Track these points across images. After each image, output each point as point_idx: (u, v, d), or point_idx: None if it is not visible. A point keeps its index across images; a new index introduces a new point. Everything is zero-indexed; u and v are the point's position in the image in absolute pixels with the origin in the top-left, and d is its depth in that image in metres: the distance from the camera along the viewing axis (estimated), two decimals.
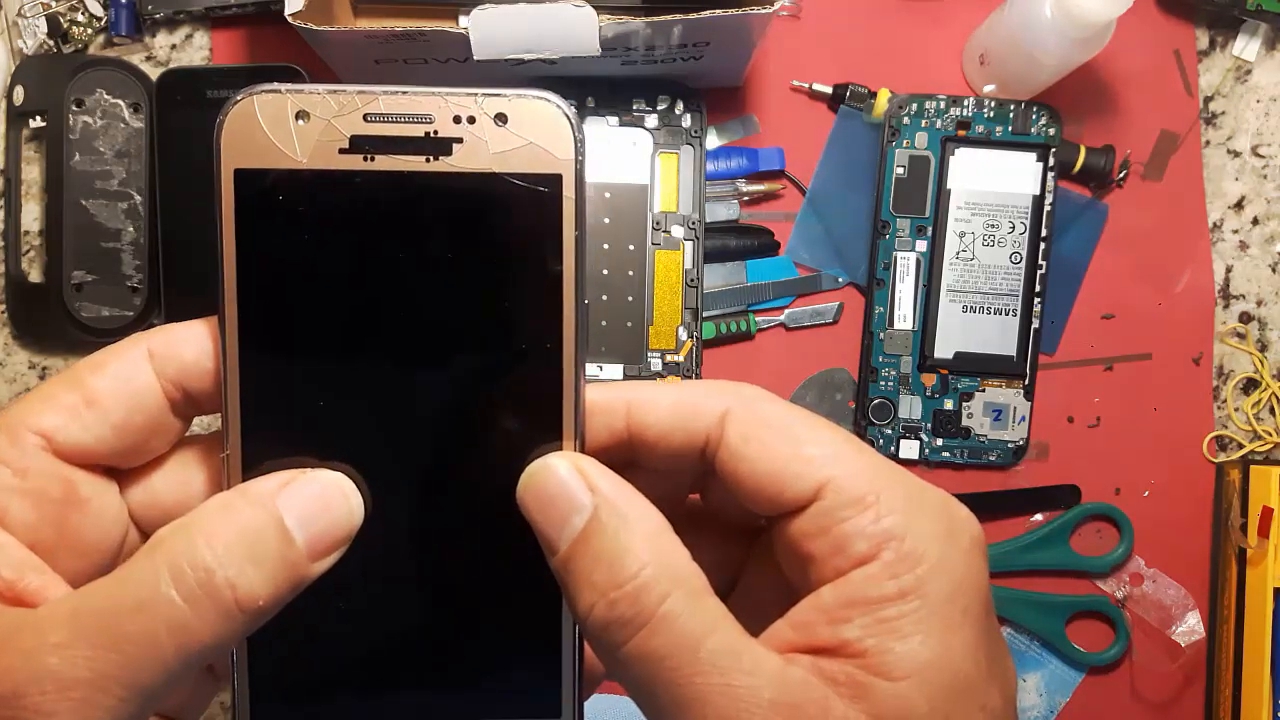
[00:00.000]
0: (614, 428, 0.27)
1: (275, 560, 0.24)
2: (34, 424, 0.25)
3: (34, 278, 0.64)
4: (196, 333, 0.27)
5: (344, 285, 0.26)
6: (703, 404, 0.27)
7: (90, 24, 0.64)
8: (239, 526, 0.24)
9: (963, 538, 0.25)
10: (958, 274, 0.63)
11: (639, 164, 0.61)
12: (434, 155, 0.26)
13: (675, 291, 0.62)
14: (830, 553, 0.25)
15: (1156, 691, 0.65)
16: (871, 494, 0.25)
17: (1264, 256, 0.66)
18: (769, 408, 0.27)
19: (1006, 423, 0.64)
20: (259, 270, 0.26)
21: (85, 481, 0.26)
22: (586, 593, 0.25)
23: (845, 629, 0.24)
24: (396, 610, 0.28)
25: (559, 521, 0.25)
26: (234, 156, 0.26)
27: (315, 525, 0.25)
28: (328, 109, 0.26)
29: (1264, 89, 0.66)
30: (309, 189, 0.26)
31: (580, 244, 0.26)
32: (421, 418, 0.27)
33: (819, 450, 0.26)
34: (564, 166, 0.26)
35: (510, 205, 0.26)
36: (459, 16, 0.59)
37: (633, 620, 0.24)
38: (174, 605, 0.23)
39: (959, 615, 0.24)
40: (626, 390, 0.27)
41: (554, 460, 0.26)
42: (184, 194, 0.62)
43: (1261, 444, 0.65)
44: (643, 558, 0.24)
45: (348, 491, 0.26)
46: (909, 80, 0.64)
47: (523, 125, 0.26)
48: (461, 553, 0.28)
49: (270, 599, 0.24)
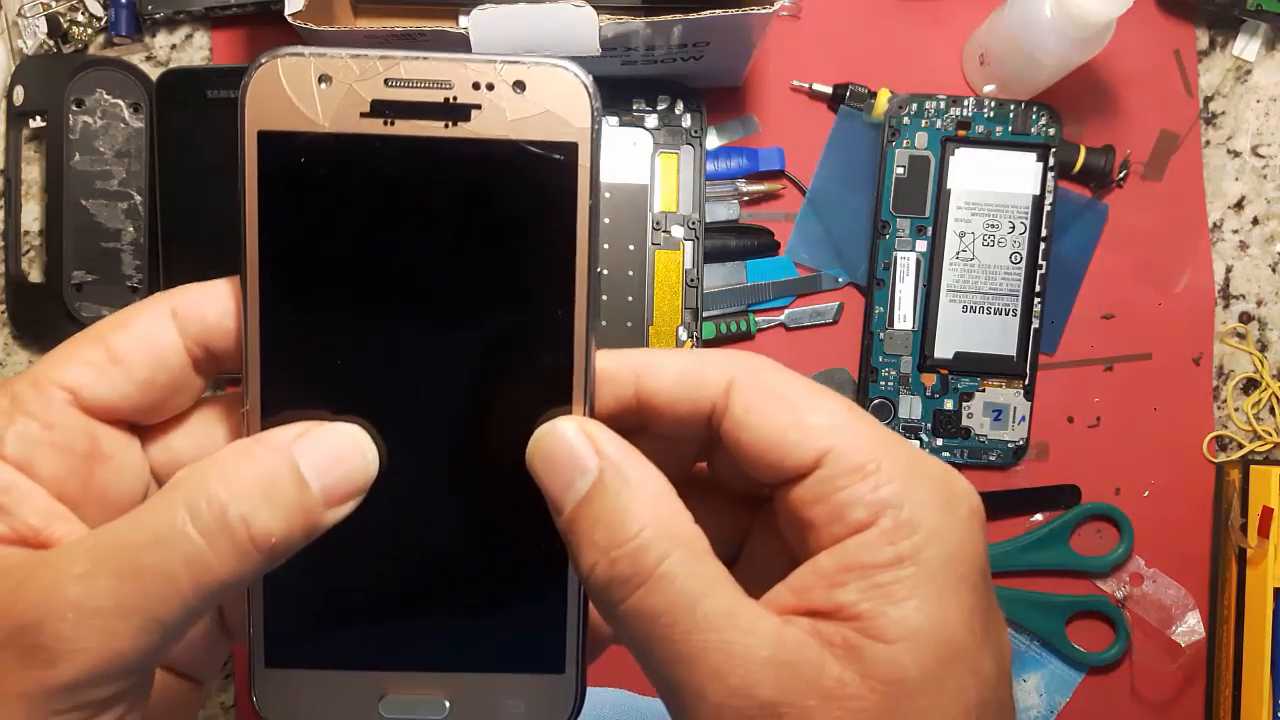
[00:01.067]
0: (622, 395, 0.28)
1: (290, 503, 0.25)
2: (60, 379, 0.26)
3: (34, 277, 0.64)
4: (219, 292, 0.27)
5: (362, 247, 0.27)
6: (708, 373, 0.27)
7: (90, 24, 0.64)
8: (255, 469, 0.25)
9: (961, 507, 0.26)
10: (958, 274, 0.63)
11: (639, 164, 0.61)
12: (452, 121, 0.26)
13: (675, 291, 0.62)
14: (829, 520, 0.25)
15: (1156, 691, 0.65)
16: (871, 462, 0.25)
17: (1264, 256, 0.66)
18: (772, 377, 0.27)
19: (1006, 423, 0.64)
20: (280, 231, 0.26)
21: (109, 437, 0.27)
22: (589, 552, 0.25)
23: (841, 593, 0.24)
24: (405, 565, 0.29)
25: (565, 483, 0.26)
26: (257, 118, 0.26)
27: (331, 474, 0.26)
28: (350, 73, 0.26)
29: (1264, 89, 0.66)
30: (330, 151, 0.26)
31: (595, 212, 0.27)
32: (435, 379, 0.28)
33: (820, 419, 0.26)
34: (580, 135, 0.26)
35: (526, 172, 0.27)
36: (459, 16, 0.59)
37: (631, 578, 0.25)
38: (190, 540, 0.24)
39: (954, 582, 0.25)
40: (635, 357, 0.28)
41: (562, 423, 0.27)
42: (184, 194, 0.62)
43: (1261, 444, 0.65)
44: (643, 519, 0.25)
45: (363, 444, 0.27)
46: (909, 80, 0.64)
47: (540, 93, 0.26)
48: (471, 511, 0.28)
49: (284, 539, 0.25)
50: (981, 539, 0.26)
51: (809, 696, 0.24)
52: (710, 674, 0.24)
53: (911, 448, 0.26)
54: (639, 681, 0.62)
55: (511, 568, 0.29)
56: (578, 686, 0.29)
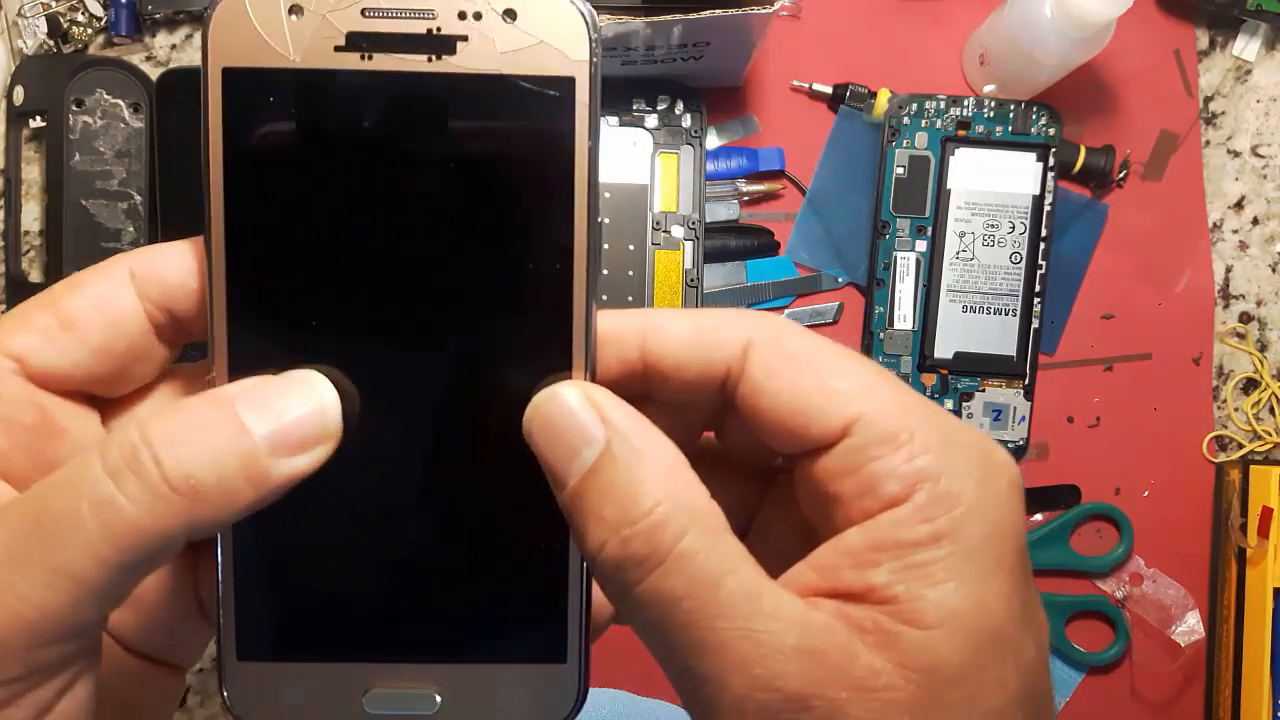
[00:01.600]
0: (627, 358, 0.26)
1: (220, 446, 0.22)
2: (5, 346, 0.24)
3: (34, 277, 0.64)
4: (181, 252, 0.25)
5: (337, 196, 0.24)
6: (723, 333, 0.25)
7: (90, 24, 0.64)
8: (187, 417, 0.22)
9: (1000, 479, 0.24)
10: (958, 274, 0.63)
11: (639, 164, 0.61)
12: (436, 54, 0.24)
13: (675, 291, 0.62)
14: (858, 493, 0.23)
15: (1156, 691, 0.65)
16: (904, 431, 0.23)
17: (1264, 256, 0.66)
18: (795, 339, 0.25)
19: (1006, 423, 0.64)
20: (247, 178, 0.24)
21: (62, 409, 0.25)
22: (597, 529, 0.23)
23: (873, 573, 0.22)
24: (393, 546, 0.26)
25: (568, 454, 0.24)
26: (222, 54, 0.24)
27: (277, 418, 0.23)
28: (323, 3, 0.24)
29: (1264, 89, 0.66)
30: (302, 89, 0.24)
31: (594, 155, 0.24)
32: (420, 342, 0.25)
33: (848, 383, 0.24)
34: (578, 69, 0.24)
35: (518, 109, 0.24)
36: None
37: (647, 559, 0.22)
38: (97, 479, 0.21)
39: (994, 562, 0.23)
40: (641, 317, 0.26)
41: (563, 389, 0.24)
42: (184, 194, 0.62)
43: (1261, 444, 0.65)
44: (658, 493, 0.23)
45: (319, 385, 0.24)
46: (909, 80, 0.64)
47: (534, 22, 0.24)
48: (463, 487, 0.26)
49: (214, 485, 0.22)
50: (1021, 513, 0.24)
51: (840, 688, 0.22)
52: (734, 665, 0.22)
53: (946, 414, 0.24)
54: (639, 681, 0.62)
55: (507, 548, 0.26)
56: (580, 677, 0.27)
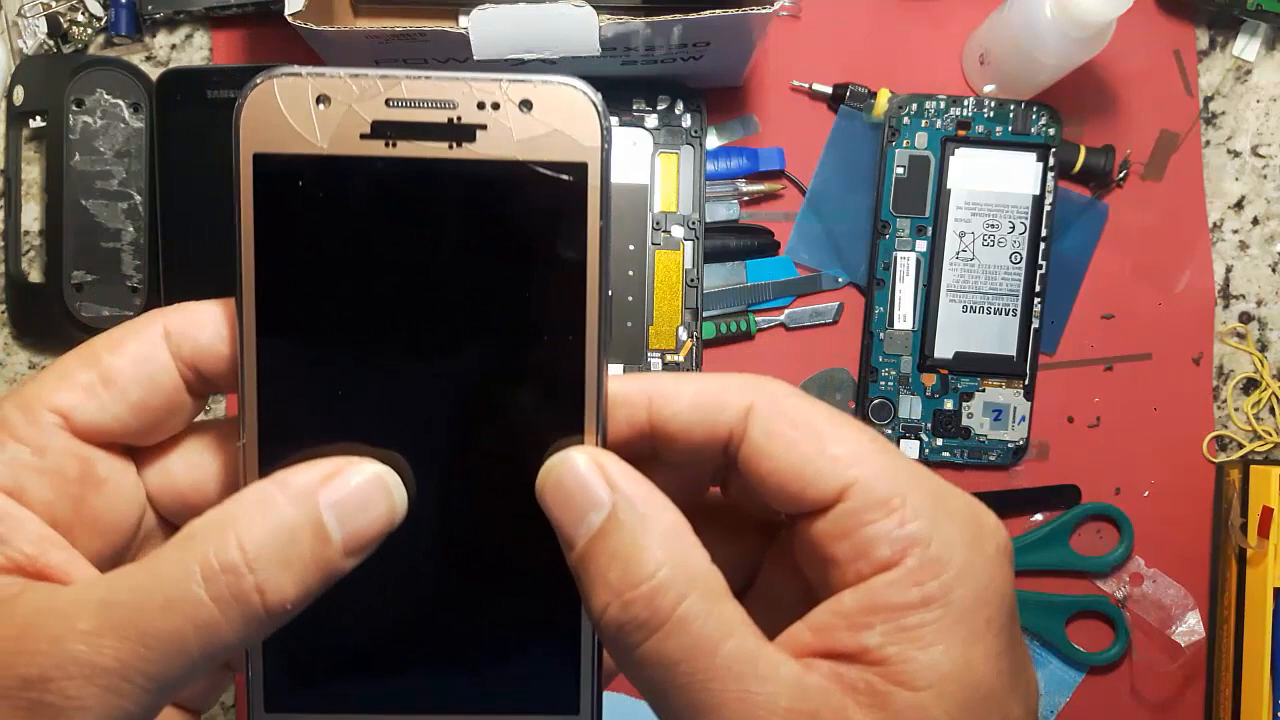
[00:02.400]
0: (635, 420, 0.27)
1: (308, 561, 0.24)
2: (51, 402, 0.25)
3: (34, 277, 0.64)
4: (213, 315, 0.27)
5: (363, 273, 0.26)
6: (725, 398, 0.26)
7: (90, 24, 0.64)
8: (274, 524, 0.24)
9: (989, 544, 0.25)
10: (958, 274, 0.63)
11: (639, 164, 0.61)
12: (457, 142, 0.25)
13: (675, 291, 0.62)
14: (852, 556, 0.24)
15: (1156, 691, 0.65)
16: (897, 497, 0.24)
17: (1264, 256, 0.66)
18: (794, 403, 0.26)
19: (1006, 423, 0.64)
20: (277, 257, 0.26)
21: (102, 461, 0.26)
22: (601, 592, 0.24)
23: (866, 635, 0.24)
24: (413, 600, 0.28)
25: (576, 517, 0.25)
26: (253, 140, 0.25)
27: (355, 522, 0.25)
28: (349, 93, 0.25)
29: (1264, 89, 0.66)
30: (329, 174, 0.25)
31: (605, 234, 0.26)
32: (440, 408, 0.27)
33: (844, 450, 0.25)
34: (589, 155, 0.26)
35: (534, 193, 0.26)
36: (459, 16, 0.59)
37: (647, 622, 0.24)
38: (202, 605, 0.23)
39: (982, 624, 0.24)
40: (648, 382, 0.27)
41: (574, 454, 0.26)
42: (184, 194, 0.62)
43: (1261, 444, 0.65)
44: (659, 557, 0.24)
45: (392, 486, 0.26)
46: (909, 80, 0.64)
47: (548, 112, 0.25)
48: (480, 544, 0.27)
49: (298, 600, 0.24)
50: (1009, 576, 0.25)
51: None
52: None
53: (937, 480, 0.25)
54: None
55: (523, 603, 0.28)
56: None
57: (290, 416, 0.26)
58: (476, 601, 0.28)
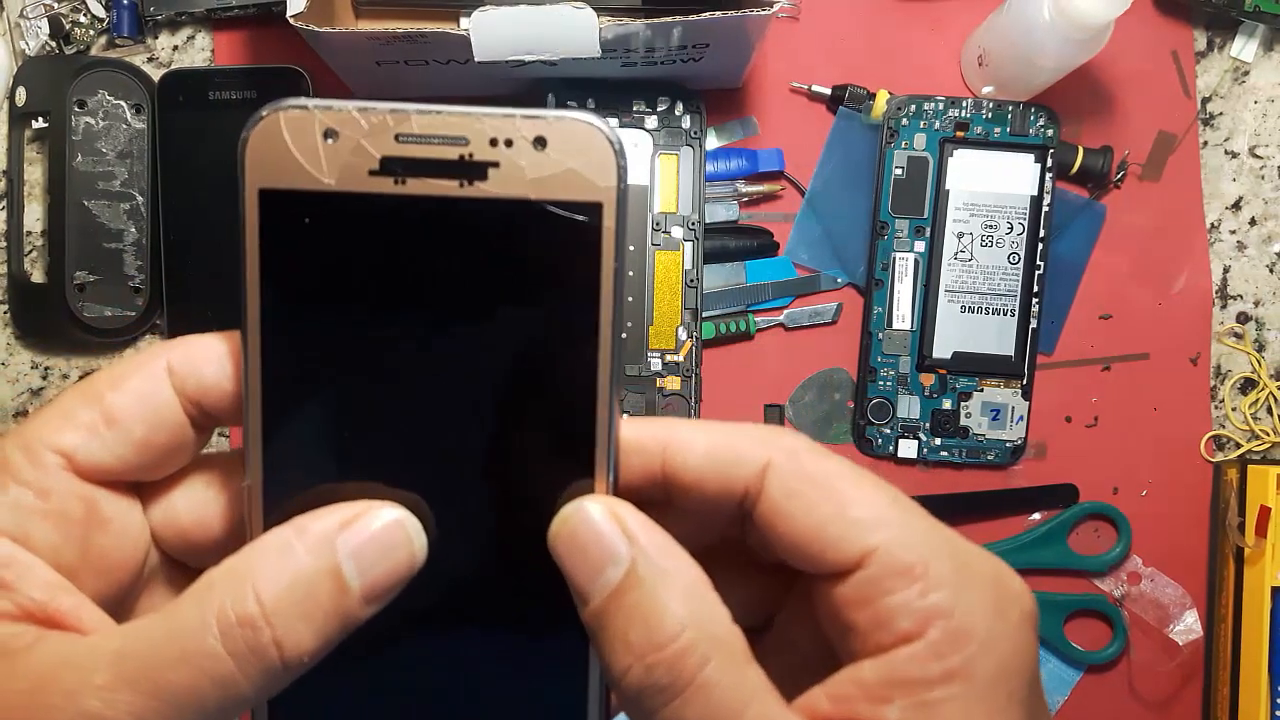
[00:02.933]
0: (649, 468, 0.26)
1: (327, 612, 0.23)
2: (53, 443, 0.25)
3: (36, 278, 0.65)
4: (217, 352, 0.26)
5: (371, 312, 0.25)
6: (742, 452, 0.25)
7: (92, 25, 0.64)
8: (292, 575, 0.23)
9: (1012, 611, 0.24)
10: (956, 274, 0.63)
11: (639, 165, 0.62)
12: (468, 180, 0.25)
13: (675, 292, 0.62)
14: (873, 626, 0.24)
15: (1154, 690, 0.65)
16: (919, 564, 0.24)
17: (1261, 257, 0.66)
18: (814, 462, 0.25)
19: (1004, 422, 0.64)
20: (283, 294, 0.25)
21: (106, 500, 0.26)
22: (622, 653, 0.24)
23: (886, 709, 0.23)
24: (419, 646, 0.27)
25: (592, 571, 0.24)
26: (259, 175, 0.24)
27: (375, 570, 0.24)
28: (357, 128, 0.24)
29: (1261, 90, 0.66)
30: (337, 212, 0.25)
31: (619, 276, 0.25)
32: (448, 451, 0.26)
33: (865, 513, 0.24)
34: (605, 195, 0.25)
35: (547, 234, 0.25)
36: (460, 18, 0.59)
37: (669, 687, 0.23)
38: (219, 660, 0.23)
39: (1004, 699, 0.23)
40: (663, 429, 0.26)
41: (589, 505, 0.25)
42: (186, 195, 0.63)
43: (1259, 443, 0.66)
44: (682, 617, 0.23)
45: (412, 531, 0.25)
46: (907, 82, 0.64)
47: (562, 149, 0.25)
48: (486, 591, 0.27)
49: (316, 652, 0.24)
50: (1034, 645, 0.25)
51: None
52: None
53: (961, 542, 0.25)
54: None
55: (529, 646, 0.27)
56: None
57: (296, 457, 0.25)
58: (483, 647, 0.27)
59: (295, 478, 0.25)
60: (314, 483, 0.25)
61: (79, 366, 0.65)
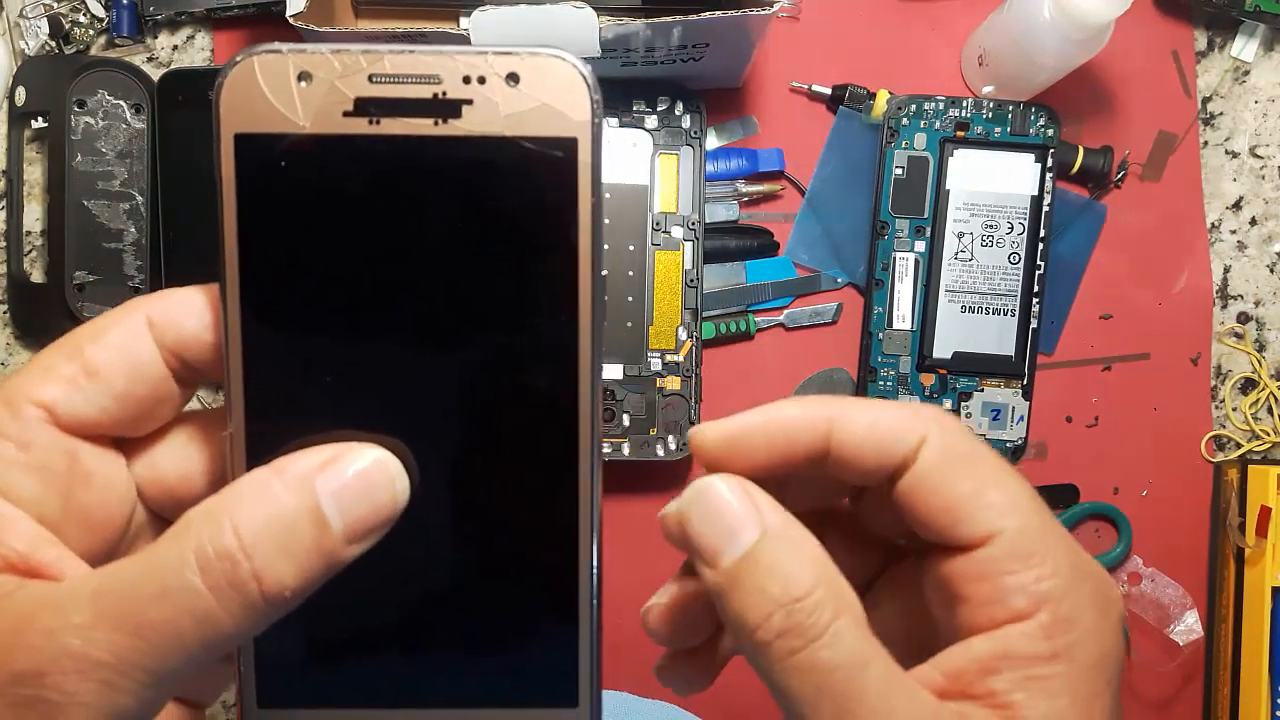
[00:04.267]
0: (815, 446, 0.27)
1: (308, 549, 0.23)
2: (34, 396, 0.25)
3: (36, 278, 0.65)
4: (197, 302, 0.26)
5: (349, 255, 0.25)
6: (904, 428, 0.27)
7: (92, 25, 0.64)
8: (271, 511, 0.23)
9: (1113, 613, 0.26)
10: (956, 274, 0.63)
11: (639, 165, 0.62)
12: (442, 118, 0.25)
13: (675, 292, 0.62)
14: (987, 600, 0.25)
15: (1155, 690, 0.65)
16: (1040, 553, 0.25)
17: (1262, 257, 0.66)
18: (966, 443, 0.27)
19: (1005, 422, 0.64)
20: (261, 239, 0.25)
21: (90, 454, 0.26)
22: (761, 603, 0.25)
23: (994, 680, 0.25)
24: (409, 591, 0.27)
25: (724, 535, 0.25)
26: (234, 120, 0.25)
27: (356, 509, 0.24)
28: (331, 70, 0.24)
29: (1262, 90, 0.66)
30: (312, 154, 0.25)
31: (598, 210, 0.25)
32: (432, 393, 0.26)
33: (1001, 498, 0.26)
34: (580, 129, 0.25)
35: (523, 170, 0.25)
36: (460, 18, 0.59)
37: (808, 630, 0.24)
38: (198, 594, 0.23)
39: (1102, 684, 0.25)
40: (827, 408, 0.27)
41: (717, 481, 0.26)
42: (185, 195, 0.63)
43: (1259, 443, 0.66)
44: (816, 576, 0.25)
45: (394, 472, 0.25)
46: (908, 81, 0.64)
47: (536, 85, 0.25)
48: (477, 533, 0.27)
49: (298, 589, 0.24)
50: (1123, 645, 0.26)
51: None
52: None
53: (1077, 546, 0.26)
54: (639, 681, 0.62)
55: (521, 595, 0.27)
56: None
57: (277, 404, 0.25)
58: (474, 593, 0.27)
59: (277, 425, 0.25)
60: (296, 430, 0.25)
61: None
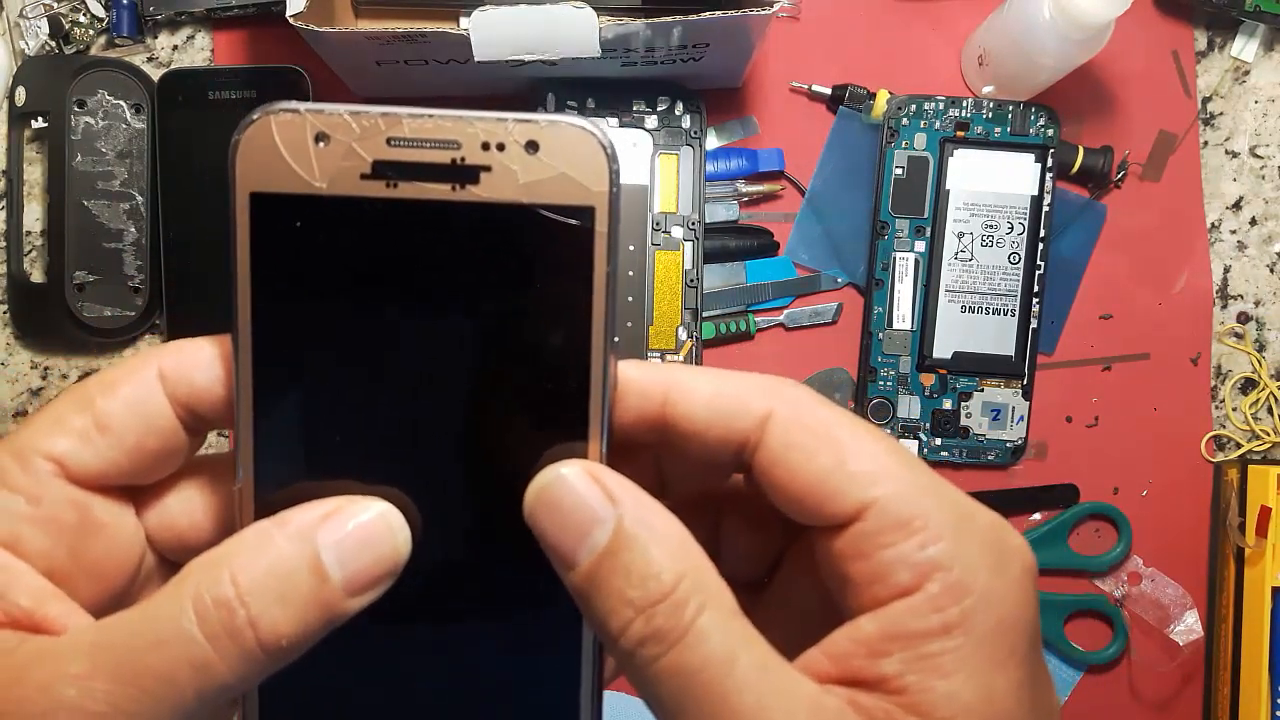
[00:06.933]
0: (649, 412, 0.26)
1: (306, 600, 0.23)
2: (45, 449, 0.25)
3: (36, 278, 0.65)
4: (208, 356, 0.26)
5: (362, 316, 0.25)
6: (745, 401, 0.25)
7: (92, 25, 0.64)
8: (271, 561, 0.23)
9: (1013, 566, 0.24)
10: (956, 274, 0.63)
11: (639, 165, 0.62)
12: (460, 183, 0.25)
13: (675, 292, 0.62)
14: (870, 579, 0.24)
15: (1155, 690, 0.65)
16: (919, 517, 0.23)
17: (1261, 257, 0.66)
18: (814, 411, 0.25)
19: (1005, 422, 0.64)
20: (274, 298, 0.25)
21: (100, 505, 0.26)
22: (621, 609, 0.23)
23: (885, 663, 0.23)
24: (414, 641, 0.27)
25: (577, 535, 0.24)
26: (250, 179, 0.24)
27: (356, 561, 0.24)
28: (349, 132, 0.24)
29: (1262, 90, 0.66)
30: (329, 216, 0.25)
31: (612, 280, 0.25)
32: (438, 456, 0.26)
33: (865, 465, 0.24)
34: (597, 199, 0.25)
35: (539, 238, 0.25)
36: (460, 18, 0.59)
37: (669, 634, 0.23)
38: (195, 643, 0.22)
39: (1005, 653, 0.23)
40: (666, 374, 0.26)
41: (564, 469, 0.25)
42: (185, 194, 0.63)
43: (1259, 443, 0.66)
44: (677, 571, 0.23)
45: (395, 525, 0.25)
46: (908, 81, 0.64)
47: (555, 154, 0.25)
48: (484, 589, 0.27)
49: (295, 639, 0.23)
50: (1033, 600, 0.24)
51: None
52: None
53: (960, 496, 0.24)
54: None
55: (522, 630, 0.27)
56: None
57: (287, 459, 0.25)
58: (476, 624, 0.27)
59: (286, 480, 0.25)
60: (304, 483, 0.25)
61: (78, 366, 0.65)
